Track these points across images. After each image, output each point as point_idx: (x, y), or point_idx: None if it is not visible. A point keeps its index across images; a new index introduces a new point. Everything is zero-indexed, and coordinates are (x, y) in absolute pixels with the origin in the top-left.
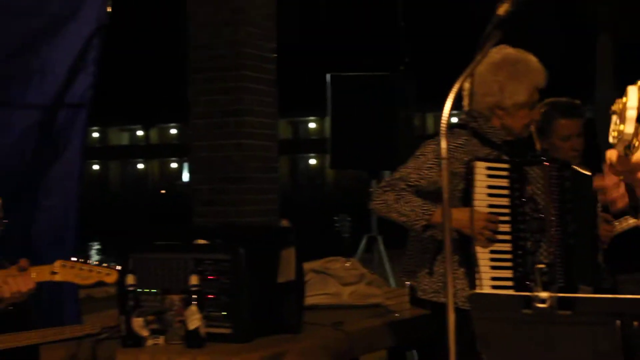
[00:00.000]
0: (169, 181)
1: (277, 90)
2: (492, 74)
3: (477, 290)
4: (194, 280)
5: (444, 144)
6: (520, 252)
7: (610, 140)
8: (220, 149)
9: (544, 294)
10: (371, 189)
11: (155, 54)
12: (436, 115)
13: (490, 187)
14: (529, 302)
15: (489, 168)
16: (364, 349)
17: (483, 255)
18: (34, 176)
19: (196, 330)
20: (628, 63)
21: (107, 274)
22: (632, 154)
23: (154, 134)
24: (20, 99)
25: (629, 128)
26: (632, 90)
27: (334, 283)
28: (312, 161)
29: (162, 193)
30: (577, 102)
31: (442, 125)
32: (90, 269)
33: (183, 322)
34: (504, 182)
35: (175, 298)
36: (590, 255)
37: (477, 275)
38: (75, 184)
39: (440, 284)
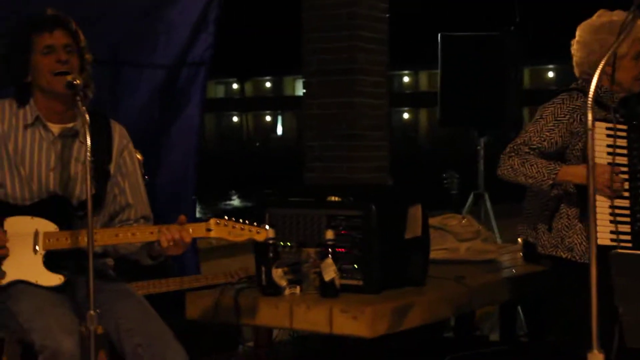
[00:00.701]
0: (264, 134)
1: (389, 49)
2: (592, 34)
3: (599, 242)
4: (329, 235)
5: (590, 116)
6: (638, 207)
7: None
8: (332, 106)
9: None
10: (478, 147)
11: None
12: (532, 70)
13: (609, 145)
14: None
15: (608, 128)
16: (482, 303)
17: (603, 210)
18: (159, 133)
19: (332, 281)
20: None
21: (258, 232)
22: None
23: (248, 87)
24: (149, 59)
25: None
26: None
27: (452, 239)
28: (406, 115)
29: (257, 146)
30: None
31: (589, 99)
32: (242, 227)
33: (318, 274)
34: (622, 142)
35: (311, 251)
36: None
37: (595, 229)
38: (194, 139)
39: (558, 238)
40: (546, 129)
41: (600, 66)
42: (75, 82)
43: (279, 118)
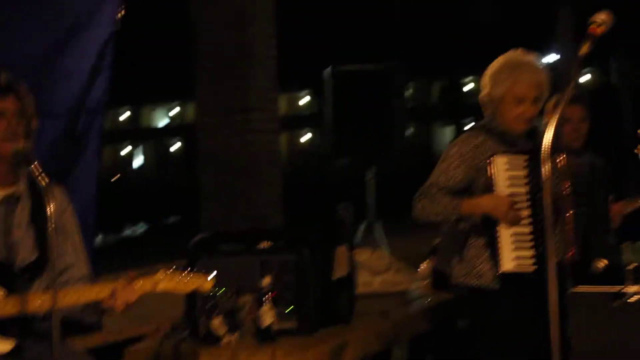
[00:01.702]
0: (122, 167)
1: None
2: (486, 71)
3: (504, 268)
4: (267, 281)
5: (547, 167)
6: (539, 233)
7: None
8: (227, 145)
9: (633, 288)
10: (368, 177)
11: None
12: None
13: (510, 178)
14: (620, 296)
15: (508, 161)
16: (408, 335)
17: (505, 237)
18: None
19: (269, 326)
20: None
21: (204, 281)
22: None
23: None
24: (48, 108)
25: None
26: None
27: (365, 273)
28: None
29: (115, 179)
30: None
31: (544, 148)
32: (189, 277)
33: (255, 320)
34: (522, 172)
35: (248, 298)
36: (602, 236)
37: (500, 256)
38: (94, 187)
39: (469, 267)
40: (452, 167)
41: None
42: (22, 150)
43: (136, 150)
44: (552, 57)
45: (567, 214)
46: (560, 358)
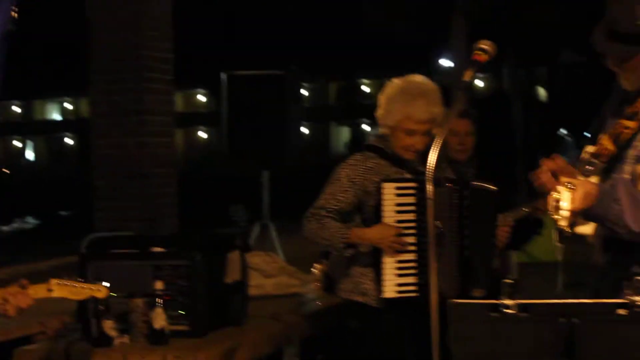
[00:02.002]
0: (13, 160)
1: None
2: (383, 92)
3: (387, 295)
4: (159, 285)
5: (430, 188)
6: (422, 261)
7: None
8: (121, 146)
9: (509, 302)
10: (262, 179)
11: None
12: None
13: (398, 204)
14: (497, 308)
15: (398, 188)
16: (299, 336)
17: (390, 265)
18: None
19: (161, 329)
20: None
21: (98, 290)
22: None
23: None
24: None
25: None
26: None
27: (257, 275)
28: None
29: (6, 172)
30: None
31: (427, 172)
32: (83, 286)
33: (147, 322)
34: (411, 200)
35: (139, 301)
36: (484, 263)
37: (383, 284)
38: None
39: (354, 284)
40: (341, 190)
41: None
42: None
43: (28, 143)
44: (445, 62)
45: (450, 243)
46: None
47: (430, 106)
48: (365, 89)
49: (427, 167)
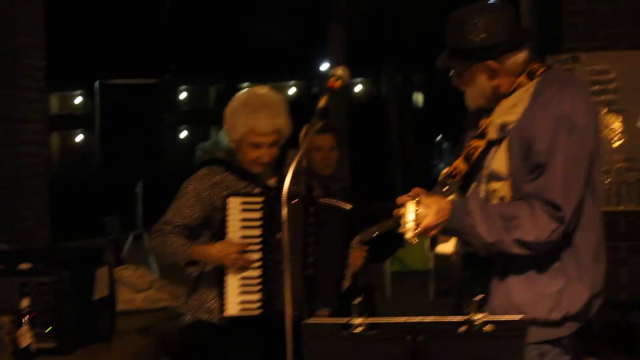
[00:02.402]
0: None
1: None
2: (228, 105)
3: (228, 313)
4: (25, 303)
5: (285, 212)
6: (267, 278)
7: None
8: None
9: (358, 320)
10: (137, 190)
11: None
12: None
13: (244, 219)
14: (347, 327)
15: (244, 203)
16: (168, 351)
17: (232, 281)
18: None
19: (27, 347)
20: (357, 47)
21: None
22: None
23: None
24: None
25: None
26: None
27: (127, 290)
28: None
29: None
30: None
31: (283, 194)
32: None
33: (13, 340)
34: (257, 215)
35: (6, 319)
36: (330, 282)
37: (225, 301)
38: None
39: (200, 301)
40: (187, 205)
41: None
42: None
43: None
44: (325, 66)
45: (293, 260)
46: None
47: (273, 118)
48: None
49: (284, 188)
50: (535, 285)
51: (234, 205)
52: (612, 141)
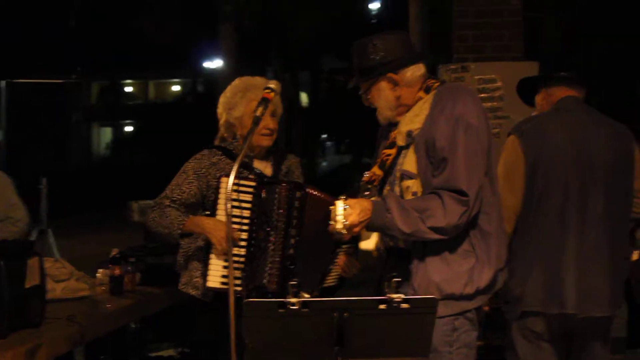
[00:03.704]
0: None
1: None
2: (220, 99)
3: (209, 284)
4: None
5: (228, 206)
6: (249, 257)
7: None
8: None
9: (293, 300)
10: (41, 186)
11: None
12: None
13: (234, 199)
14: (284, 305)
15: (237, 184)
16: (91, 335)
17: (217, 256)
18: None
19: None
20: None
21: None
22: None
23: None
24: None
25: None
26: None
27: (48, 280)
28: None
29: None
30: None
31: (228, 188)
32: None
33: None
34: (247, 197)
35: None
36: (315, 264)
37: (208, 272)
38: None
39: (189, 277)
40: (186, 182)
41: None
42: None
43: None
44: (210, 64)
45: (276, 243)
46: (237, 353)
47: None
48: (128, 89)
49: (228, 182)
50: (450, 265)
51: (227, 185)
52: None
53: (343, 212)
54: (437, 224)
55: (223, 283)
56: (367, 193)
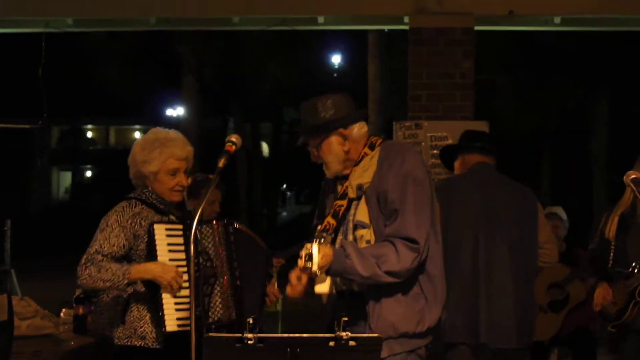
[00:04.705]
0: None
1: None
2: (134, 149)
3: (169, 329)
4: None
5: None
6: (196, 295)
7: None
8: None
9: (249, 335)
10: (6, 228)
11: None
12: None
13: (169, 244)
14: (242, 340)
15: (167, 229)
16: None
17: (168, 301)
18: None
19: None
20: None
21: None
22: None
23: None
24: None
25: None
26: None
27: (15, 319)
28: None
29: None
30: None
31: (192, 234)
32: None
33: None
34: (179, 240)
35: None
36: (257, 292)
37: (164, 318)
38: None
39: (132, 329)
40: (113, 235)
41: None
42: None
43: None
44: (172, 112)
45: (224, 278)
46: None
47: (186, 145)
48: (89, 134)
49: (197, 216)
50: (404, 306)
51: (160, 231)
52: None
53: (318, 254)
54: (391, 268)
55: (179, 325)
56: (322, 241)
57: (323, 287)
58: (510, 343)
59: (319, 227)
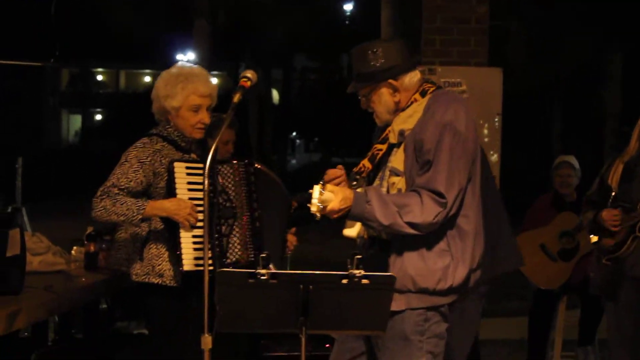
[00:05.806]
0: None
1: None
2: (169, 84)
3: (186, 268)
4: None
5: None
6: (216, 235)
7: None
8: None
9: (263, 271)
10: (17, 165)
11: None
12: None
13: (189, 182)
14: (254, 276)
15: (188, 167)
16: (68, 305)
17: (186, 238)
18: None
19: None
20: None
21: None
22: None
23: None
24: None
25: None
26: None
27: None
28: None
29: None
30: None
31: (206, 170)
32: None
33: None
34: (199, 179)
35: None
36: (278, 236)
37: (182, 257)
38: None
39: (150, 267)
40: (131, 170)
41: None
42: None
43: None
44: (183, 57)
45: (244, 218)
46: (209, 320)
47: (208, 82)
48: (99, 77)
49: (210, 156)
50: (426, 262)
51: (180, 169)
52: None
53: (318, 196)
54: (413, 219)
55: (197, 265)
56: (355, 183)
57: (351, 232)
58: None
59: (354, 169)
